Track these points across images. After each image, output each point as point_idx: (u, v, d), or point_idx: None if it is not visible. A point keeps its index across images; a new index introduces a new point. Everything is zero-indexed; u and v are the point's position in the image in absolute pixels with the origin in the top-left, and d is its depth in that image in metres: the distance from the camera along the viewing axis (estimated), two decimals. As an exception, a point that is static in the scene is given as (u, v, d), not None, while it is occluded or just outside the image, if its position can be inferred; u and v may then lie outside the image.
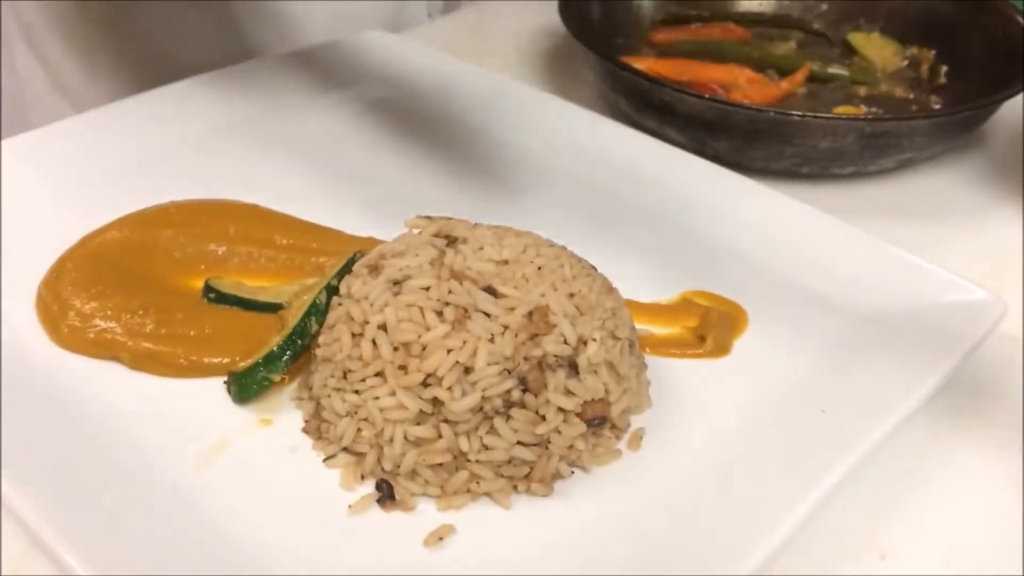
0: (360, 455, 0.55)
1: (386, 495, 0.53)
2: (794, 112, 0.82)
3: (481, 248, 0.58)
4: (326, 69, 0.93)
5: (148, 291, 0.64)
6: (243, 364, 0.59)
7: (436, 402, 0.53)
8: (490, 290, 0.55)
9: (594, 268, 0.61)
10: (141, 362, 0.60)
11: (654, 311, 0.67)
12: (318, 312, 0.60)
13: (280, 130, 0.86)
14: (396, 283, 0.56)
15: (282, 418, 0.58)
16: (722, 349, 0.64)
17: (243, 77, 0.90)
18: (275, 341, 0.59)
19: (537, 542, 0.51)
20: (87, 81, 1.03)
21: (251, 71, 0.91)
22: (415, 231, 0.62)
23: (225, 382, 0.59)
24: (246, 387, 0.58)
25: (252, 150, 0.83)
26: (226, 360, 0.60)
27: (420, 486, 0.53)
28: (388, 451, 0.53)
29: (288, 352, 0.59)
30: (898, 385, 0.58)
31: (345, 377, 0.55)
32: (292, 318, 0.61)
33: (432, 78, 0.94)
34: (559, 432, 0.54)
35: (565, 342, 0.54)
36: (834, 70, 1.01)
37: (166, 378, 0.59)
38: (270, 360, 0.59)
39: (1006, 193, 0.86)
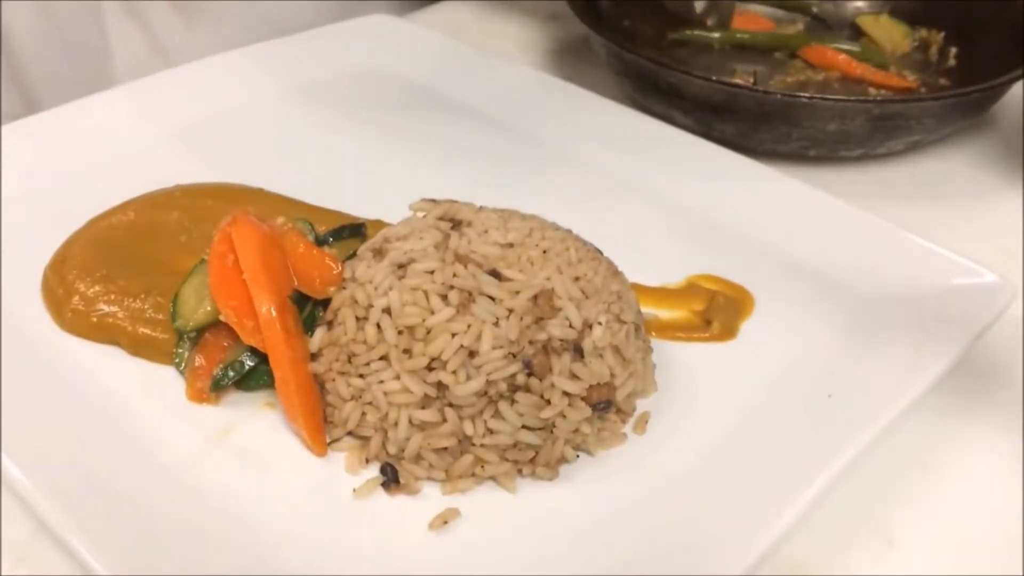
0: (365, 439, 0.55)
1: (391, 479, 0.53)
2: (802, 94, 0.81)
3: (486, 231, 0.58)
4: (331, 52, 0.93)
5: (153, 274, 0.64)
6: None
7: (441, 386, 0.52)
8: (495, 273, 0.55)
9: (599, 251, 0.61)
10: (140, 348, 0.60)
11: (660, 294, 0.67)
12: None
13: (285, 113, 0.86)
14: (401, 266, 0.56)
15: (287, 402, 0.58)
16: (728, 333, 0.64)
17: (245, 61, 0.89)
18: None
19: (542, 526, 0.51)
20: (186, 42, 1.02)
21: (252, 55, 0.90)
22: (420, 214, 0.61)
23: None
24: (248, 386, 0.58)
25: (258, 134, 0.83)
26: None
27: (425, 470, 0.53)
28: (393, 435, 0.53)
29: None
30: (906, 369, 0.57)
31: (350, 361, 0.55)
32: None
33: (437, 62, 0.93)
34: (564, 416, 0.53)
35: (570, 326, 0.54)
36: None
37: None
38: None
39: (1015, 175, 0.85)
